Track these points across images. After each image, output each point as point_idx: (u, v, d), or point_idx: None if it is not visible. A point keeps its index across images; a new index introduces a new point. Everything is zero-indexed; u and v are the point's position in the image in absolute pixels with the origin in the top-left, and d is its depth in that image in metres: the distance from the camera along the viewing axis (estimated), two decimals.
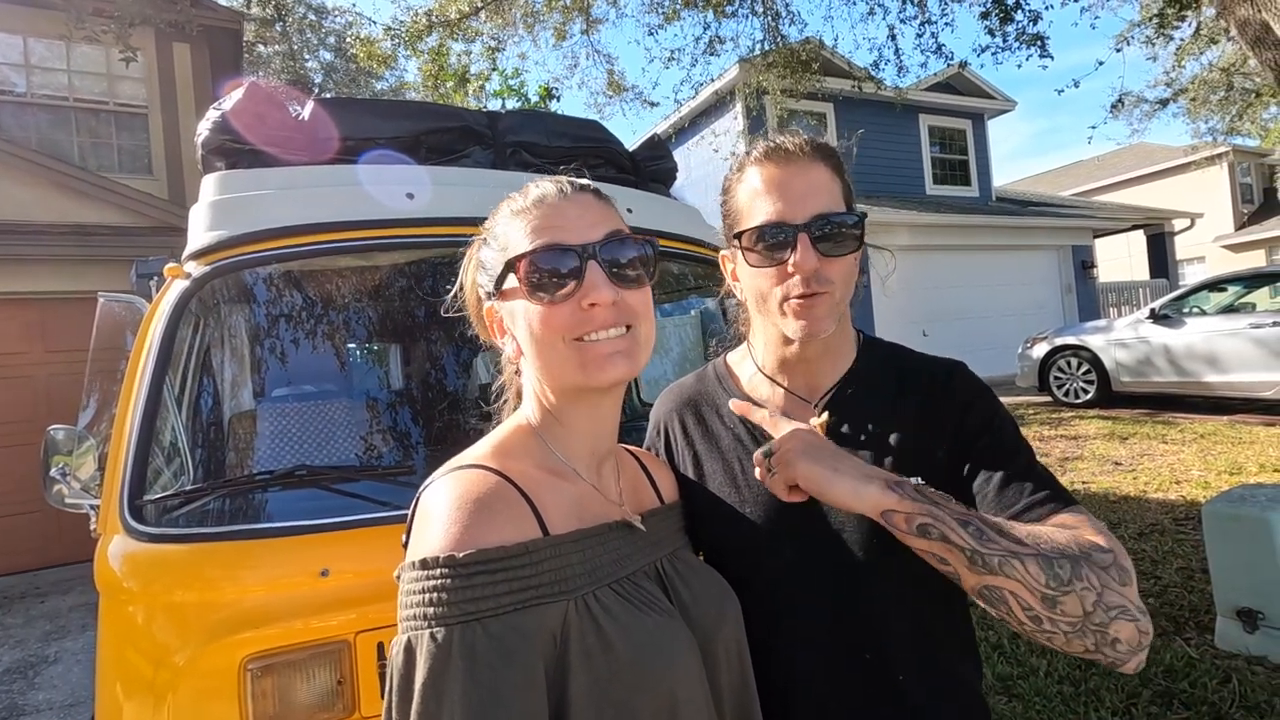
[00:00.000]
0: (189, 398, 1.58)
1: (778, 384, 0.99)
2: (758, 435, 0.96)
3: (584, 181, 0.83)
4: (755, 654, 0.88)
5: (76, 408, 2.23)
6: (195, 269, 1.56)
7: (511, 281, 0.77)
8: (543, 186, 0.80)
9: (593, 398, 0.80)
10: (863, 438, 0.91)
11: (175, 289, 1.55)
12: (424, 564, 0.64)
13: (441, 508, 0.68)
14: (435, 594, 0.63)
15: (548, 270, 0.75)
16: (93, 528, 1.47)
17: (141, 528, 1.27)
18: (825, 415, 0.93)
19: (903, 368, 0.97)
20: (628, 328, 0.77)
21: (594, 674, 0.66)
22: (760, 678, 0.87)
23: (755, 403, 0.99)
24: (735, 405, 0.95)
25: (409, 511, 0.74)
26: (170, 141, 7.47)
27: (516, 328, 0.79)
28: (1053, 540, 0.72)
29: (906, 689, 0.87)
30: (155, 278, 2.14)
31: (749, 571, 0.91)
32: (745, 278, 0.94)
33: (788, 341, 0.93)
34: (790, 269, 0.87)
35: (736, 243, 0.92)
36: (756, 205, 0.90)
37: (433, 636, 0.61)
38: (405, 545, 0.72)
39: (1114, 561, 0.71)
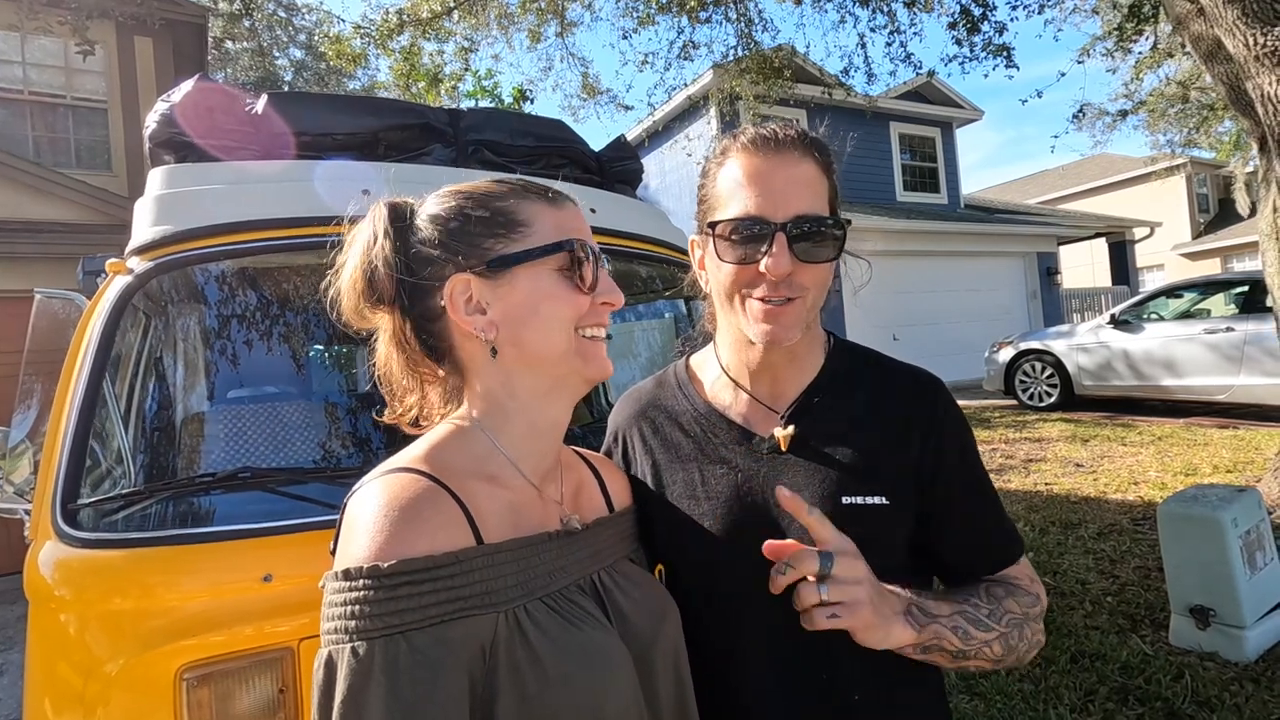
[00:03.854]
0: (129, 398, 1.52)
1: (741, 389, 0.94)
2: (719, 446, 0.92)
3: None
4: (712, 667, 0.86)
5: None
6: (138, 264, 1.51)
7: (545, 261, 0.76)
8: (538, 182, 0.82)
9: (570, 391, 0.81)
10: (828, 450, 0.88)
11: (117, 285, 1.49)
12: (347, 575, 0.62)
13: (367, 515, 0.65)
14: (357, 606, 0.61)
15: (582, 263, 0.77)
16: (26, 533, 1.41)
17: (74, 532, 1.22)
18: (790, 428, 0.89)
19: (877, 376, 0.94)
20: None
21: (521, 689, 0.64)
22: (716, 691, 0.85)
23: (718, 410, 0.95)
24: (783, 498, 0.79)
25: (337, 517, 0.71)
26: (131, 137, 7.28)
27: (510, 310, 0.75)
28: (1010, 613, 0.86)
29: (862, 709, 0.85)
30: (102, 274, 2.07)
31: (708, 584, 0.88)
32: (713, 270, 0.89)
33: (751, 344, 0.89)
34: (761, 269, 0.82)
35: (710, 231, 0.86)
36: (736, 195, 0.84)
37: (354, 651, 0.59)
38: (333, 553, 0.69)
39: (1040, 610, 0.89)
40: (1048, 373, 8.94)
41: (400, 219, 0.80)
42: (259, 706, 1.15)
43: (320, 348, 1.97)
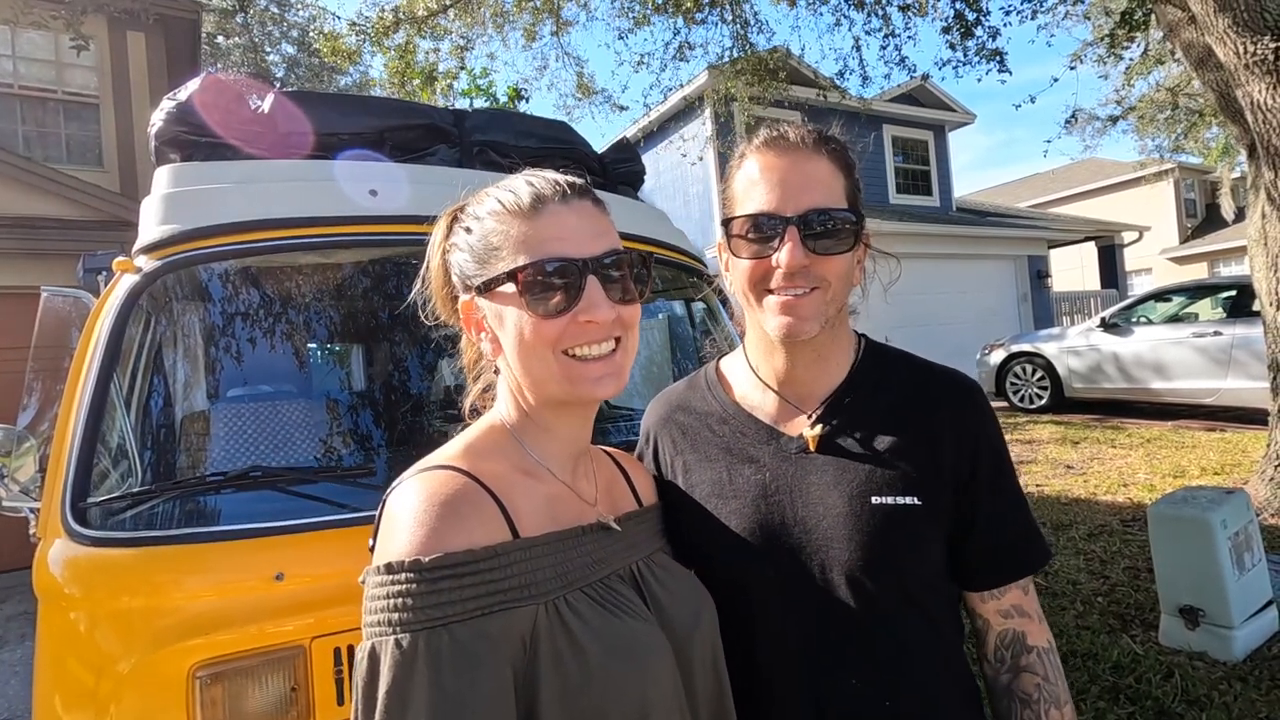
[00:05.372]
0: (137, 397, 1.52)
1: (770, 389, 0.94)
2: (747, 445, 0.93)
3: (580, 183, 0.80)
4: (738, 663, 0.86)
5: (16, 408, 2.13)
6: (146, 263, 1.51)
7: (507, 287, 0.74)
8: (539, 185, 0.77)
9: (573, 408, 0.80)
10: (856, 449, 0.88)
11: (124, 283, 1.49)
12: (389, 569, 0.63)
13: (407, 510, 0.67)
14: (400, 599, 0.62)
15: (549, 283, 0.73)
16: (32, 532, 1.40)
17: (84, 531, 1.22)
18: (819, 428, 0.89)
19: (912, 377, 0.93)
20: (616, 340, 0.77)
21: (564, 679, 0.65)
22: (742, 690, 0.85)
23: (746, 410, 0.95)
24: None
25: (376, 514, 0.73)
26: (123, 133, 7.21)
27: (503, 331, 0.77)
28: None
29: (891, 713, 0.84)
30: (103, 272, 2.06)
31: (734, 583, 0.89)
32: (732, 268, 0.90)
33: (777, 345, 0.90)
34: (774, 263, 0.83)
35: (726, 229, 0.88)
36: (750, 194, 0.86)
37: (397, 643, 0.60)
38: (372, 549, 0.70)
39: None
40: (1038, 375, 9.02)
41: (450, 228, 0.83)
42: (272, 705, 1.16)
43: (332, 348, 1.97)
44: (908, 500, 0.84)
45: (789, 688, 0.86)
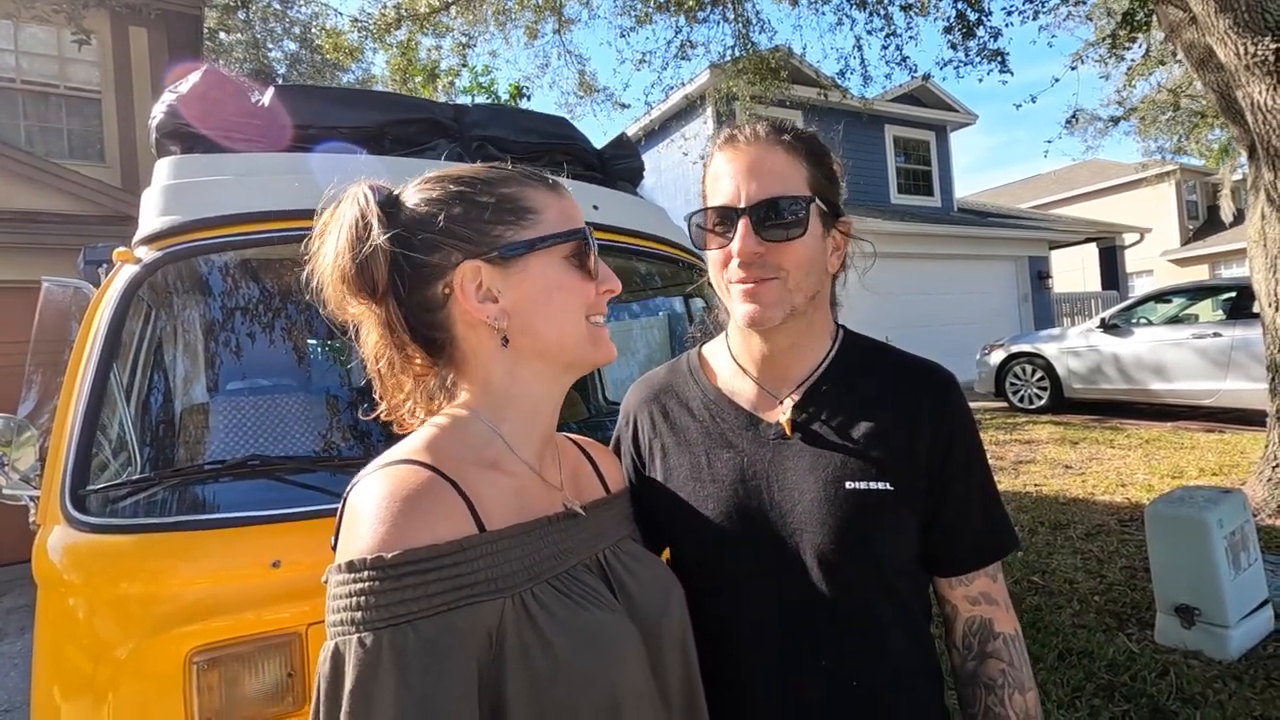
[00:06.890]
0: (137, 386, 1.53)
1: (749, 376, 0.96)
2: (726, 430, 0.94)
3: None
4: (713, 648, 0.87)
5: (17, 400, 2.14)
6: (146, 254, 1.51)
7: (554, 250, 0.77)
8: (533, 169, 0.83)
9: (574, 375, 0.83)
10: (832, 436, 0.89)
11: (124, 274, 1.50)
12: (351, 567, 0.62)
13: (368, 507, 0.65)
14: (363, 598, 0.60)
15: (584, 255, 0.79)
16: (32, 519, 1.41)
17: (84, 518, 1.23)
18: (795, 414, 0.91)
19: (889, 366, 0.95)
20: None
21: (532, 674, 0.64)
22: (715, 672, 0.86)
23: (726, 396, 0.96)
24: None
25: (338, 511, 0.71)
26: (124, 128, 7.22)
27: (526, 295, 0.76)
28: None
29: (860, 696, 0.86)
30: (104, 264, 2.07)
31: (709, 566, 0.90)
32: (708, 262, 0.94)
33: (750, 332, 0.92)
34: (730, 252, 0.87)
35: (690, 222, 0.93)
36: (713, 189, 0.90)
37: (360, 642, 0.59)
38: (334, 547, 0.69)
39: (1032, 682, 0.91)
40: (1038, 375, 9.02)
41: (390, 204, 0.76)
42: (267, 690, 1.16)
43: (327, 339, 1.98)
44: (880, 486, 0.86)
45: (760, 668, 0.88)
